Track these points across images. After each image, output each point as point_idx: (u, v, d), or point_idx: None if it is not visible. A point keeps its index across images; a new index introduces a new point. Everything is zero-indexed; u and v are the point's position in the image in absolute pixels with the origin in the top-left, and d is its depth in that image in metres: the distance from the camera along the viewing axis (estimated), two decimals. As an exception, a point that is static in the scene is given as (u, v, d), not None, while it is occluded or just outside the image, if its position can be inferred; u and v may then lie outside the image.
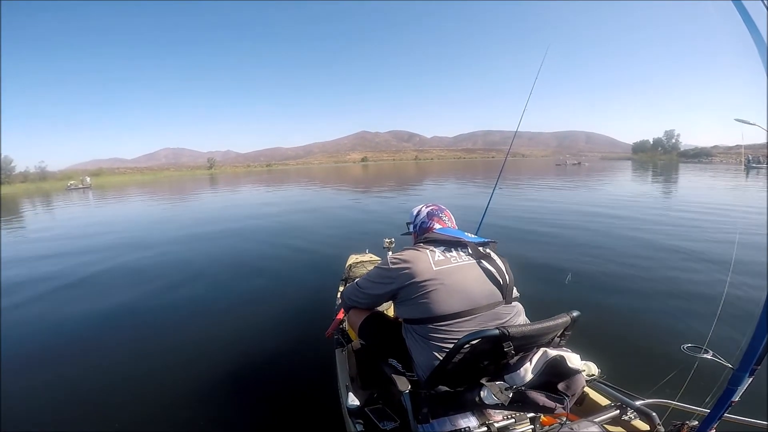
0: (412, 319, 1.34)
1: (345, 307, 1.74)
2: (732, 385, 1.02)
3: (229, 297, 4.49)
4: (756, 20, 0.90)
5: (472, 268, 1.34)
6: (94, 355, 3.22)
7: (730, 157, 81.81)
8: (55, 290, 5.09)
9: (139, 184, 50.04)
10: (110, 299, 4.59)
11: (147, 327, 3.77)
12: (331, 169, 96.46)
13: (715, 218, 8.24)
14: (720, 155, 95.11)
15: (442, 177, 32.07)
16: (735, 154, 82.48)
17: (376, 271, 1.47)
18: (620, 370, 1.96)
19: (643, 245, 6.01)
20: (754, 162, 38.43)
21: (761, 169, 32.73)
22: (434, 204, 1.72)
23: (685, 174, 27.79)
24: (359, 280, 1.58)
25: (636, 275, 4.57)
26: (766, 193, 13.81)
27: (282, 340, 3.24)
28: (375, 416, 1.38)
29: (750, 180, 21.91)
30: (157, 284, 5.11)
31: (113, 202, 21.53)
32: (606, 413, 1.36)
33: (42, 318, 4.14)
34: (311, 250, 6.64)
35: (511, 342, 1.12)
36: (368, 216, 10.92)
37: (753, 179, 22.49)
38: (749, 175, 27.13)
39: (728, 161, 66.03)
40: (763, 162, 36.73)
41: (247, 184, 32.51)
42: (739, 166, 37.72)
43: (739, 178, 22.35)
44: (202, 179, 56.54)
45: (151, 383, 2.73)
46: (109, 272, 5.93)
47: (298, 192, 21.77)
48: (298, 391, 2.51)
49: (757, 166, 35.88)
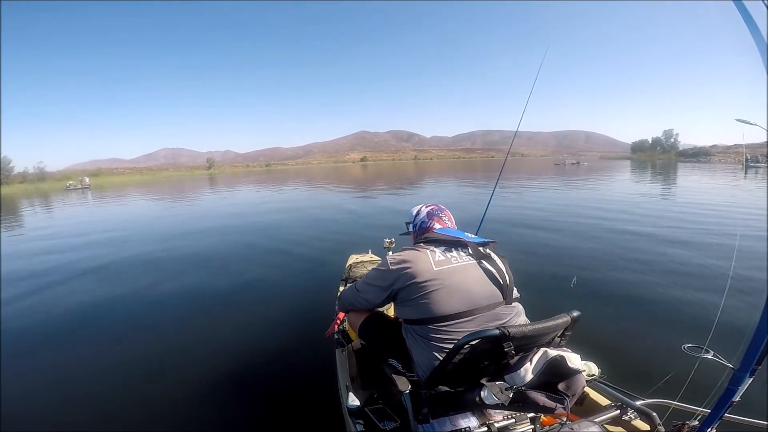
0: (413, 319, 1.34)
1: (344, 310, 1.74)
2: (732, 385, 1.02)
3: (229, 297, 4.48)
4: (756, 20, 0.89)
5: (472, 268, 1.33)
6: (94, 355, 3.22)
7: (728, 156, 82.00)
8: (53, 287, 5.12)
9: (139, 184, 50.00)
10: (110, 299, 4.59)
11: (147, 327, 3.76)
12: (331, 169, 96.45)
13: (716, 218, 8.24)
14: (719, 154, 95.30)
15: (442, 177, 32.06)
16: (734, 154, 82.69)
17: (374, 273, 1.46)
18: (620, 370, 1.97)
19: (643, 245, 6.01)
20: (752, 161, 38.59)
21: (759, 168, 32.84)
22: (434, 204, 1.71)
23: (684, 174, 27.77)
24: (357, 283, 1.57)
25: (636, 275, 4.56)
26: (766, 193, 13.78)
27: (282, 340, 3.23)
28: (375, 416, 1.38)
29: (749, 179, 21.96)
30: (157, 284, 5.10)
31: (118, 203, 21.49)
32: (606, 413, 1.36)
33: (41, 318, 4.13)
34: (311, 250, 6.64)
35: (511, 342, 1.12)
36: (368, 215, 10.95)
37: (751, 178, 22.56)
38: (747, 174, 27.16)
39: (727, 160, 66.16)
40: (761, 161, 36.89)
41: (248, 185, 32.49)
42: (738, 165, 37.78)
43: (738, 178, 22.36)
44: (201, 179, 56.61)
45: (151, 383, 2.73)
46: (110, 269, 5.96)
47: (299, 192, 21.78)
48: (298, 391, 2.51)
49: (755, 165, 36.01)
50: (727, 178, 21.46)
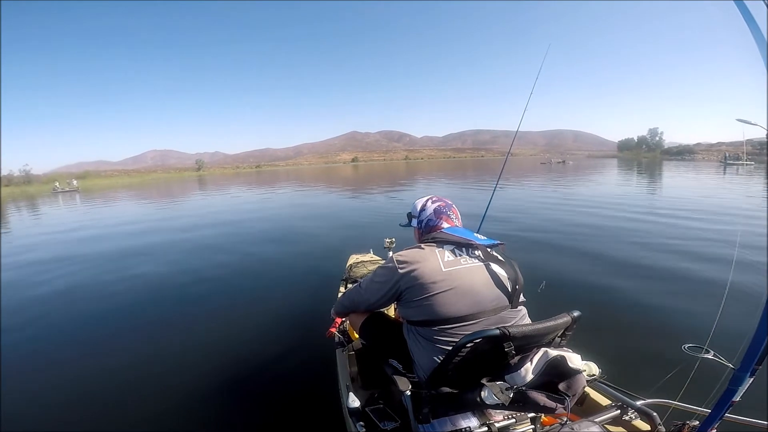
0: (416, 320, 1.31)
1: (343, 312, 1.71)
2: (733, 386, 1.02)
3: (228, 298, 4.48)
4: (757, 20, 0.89)
5: (481, 270, 1.31)
6: (94, 355, 3.22)
7: (711, 154, 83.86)
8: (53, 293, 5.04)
9: (128, 186, 49.31)
10: (111, 299, 4.60)
11: (147, 327, 3.76)
12: (322, 169, 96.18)
13: (716, 218, 8.30)
14: (702, 152, 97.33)
15: (432, 176, 32.15)
16: (716, 152, 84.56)
17: (381, 271, 1.41)
18: (621, 370, 1.98)
19: (643, 244, 6.03)
20: (731, 159, 39.56)
21: (739, 166, 33.63)
22: (441, 199, 1.60)
23: (674, 171, 28.17)
24: (363, 281, 1.52)
25: (636, 275, 4.58)
26: (766, 193, 14.01)
27: (283, 341, 3.24)
28: (376, 416, 1.36)
29: (727, 176, 22.40)
30: (158, 285, 5.11)
31: (122, 204, 21.10)
32: (607, 413, 1.36)
33: (40, 317, 4.14)
34: (311, 250, 6.65)
35: (511, 342, 1.12)
36: (368, 216, 10.95)
37: (730, 176, 23.01)
38: (726, 171, 27.63)
39: (710, 158, 67.66)
40: (741, 159, 37.84)
41: (238, 185, 32.31)
42: (727, 162, 38.44)
43: (732, 176, 22.76)
44: (191, 181, 56.05)
45: (151, 384, 2.72)
46: (112, 271, 5.93)
47: (290, 192, 21.69)
48: (298, 391, 2.51)
49: (734, 163, 36.89)
50: (721, 177, 21.84)
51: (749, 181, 19.39)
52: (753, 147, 31.72)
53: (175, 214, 14.36)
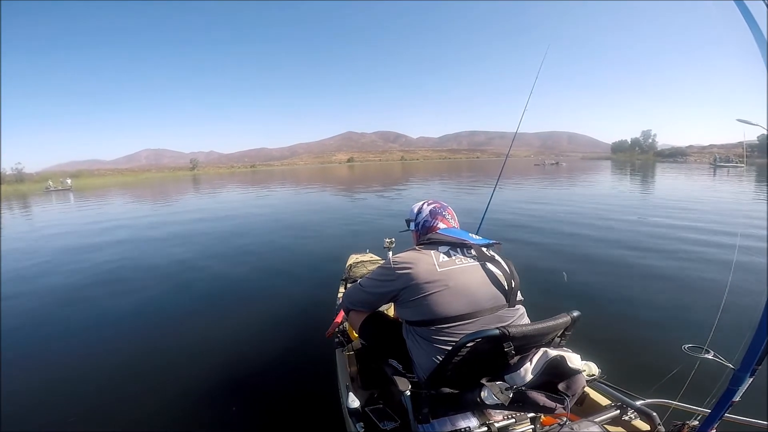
0: (414, 320, 1.32)
1: (346, 309, 1.71)
2: (733, 386, 1.02)
3: (228, 297, 4.47)
4: (757, 20, 0.90)
5: (476, 270, 1.32)
6: (94, 355, 3.20)
7: (703, 156, 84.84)
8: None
9: (122, 185, 48.90)
10: (112, 298, 4.58)
11: (148, 327, 3.75)
12: (317, 169, 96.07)
13: (716, 217, 8.36)
14: (694, 155, 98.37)
15: (428, 178, 32.19)
16: (708, 154, 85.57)
17: (378, 271, 1.44)
18: (621, 370, 1.98)
19: (642, 245, 6.07)
20: (722, 161, 39.99)
21: (729, 168, 34.01)
22: (436, 201, 1.65)
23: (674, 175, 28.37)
24: (362, 280, 1.54)
25: (636, 275, 4.61)
26: (767, 193, 14.14)
27: (282, 341, 3.24)
28: (375, 416, 1.36)
29: (717, 178, 22.62)
30: (158, 284, 5.10)
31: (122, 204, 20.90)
32: (606, 413, 1.36)
33: (40, 317, 4.12)
34: (311, 250, 6.65)
35: (511, 342, 1.12)
36: (367, 215, 10.96)
37: (720, 177, 23.26)
38: (716, 173, 27.88)
39: (701, 160, 68.49)
40: (732, 161, 38.25)
41: (234, 185, 32.17)
42: (717, 164, 38.84)
43: (730, 176, 22.93)
44: (185, 180, 55.77)
45: (151, 383, 2.71)
46: (114, 271, 5.91)
47: (290, 192, 21.67)
48: (298, 391, 2.51)
49: (724, 165, 37.31)
50: (720, 178, 22.04)
51: (739, 183, 19.60)
52: (750, 150, 32.02)
53: (173, 210, 14.40)
